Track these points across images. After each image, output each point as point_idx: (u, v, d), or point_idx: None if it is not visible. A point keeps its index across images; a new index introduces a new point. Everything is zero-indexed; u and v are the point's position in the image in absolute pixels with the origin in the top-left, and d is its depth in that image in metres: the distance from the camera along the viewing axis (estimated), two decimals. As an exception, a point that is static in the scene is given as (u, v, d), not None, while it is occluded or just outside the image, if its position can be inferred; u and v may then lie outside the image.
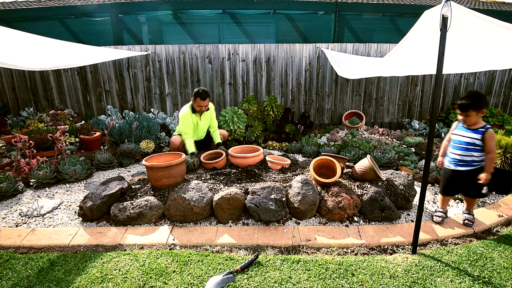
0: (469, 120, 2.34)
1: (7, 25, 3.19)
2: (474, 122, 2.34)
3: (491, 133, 2.29)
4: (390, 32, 6.26)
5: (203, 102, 3.62)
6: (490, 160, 2.30)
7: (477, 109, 2.27)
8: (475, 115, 2.29)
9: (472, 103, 2.26)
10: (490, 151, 2.30)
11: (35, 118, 5.14)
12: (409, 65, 3.17)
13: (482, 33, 2.08)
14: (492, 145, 2.29)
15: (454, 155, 2.46)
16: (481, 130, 2.31)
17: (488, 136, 2.28)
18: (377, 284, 1.89)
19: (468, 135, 2.37)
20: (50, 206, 2.87)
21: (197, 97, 3.59)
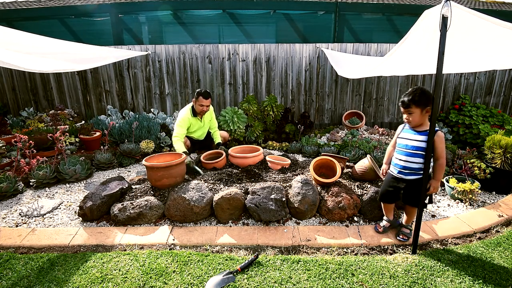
0: (413, 119, 2.10)
1: (7, 25, 3.19)
2: (420, 122, 2.11)
3: (441, 136, 2.05)
4: (390, 32, 6.26)
5: (205, 101, 3.62)
6: (440, 166, 2.08)
7: (420, 106, 2.04)
8: (419, 113, 2.06)
9: (413, 99, 2.04)
10: (439, 157, 2.07)
11: (35, 118, 5.14)
12: (409, 65, 3.17)
13: (482, 33, 2.08)
14: (442, 149, 2.06)
15: (399, 161, 2.22)
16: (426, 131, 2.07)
17: (437, 139, 2.03)
18: (377, 284, 1.89)
19: (416, 138, 2.12)
20: (50, 206, 2.87)
21: (199, 96, 3.60)
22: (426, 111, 2.06)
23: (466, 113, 5.48)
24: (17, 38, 3.03)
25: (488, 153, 3.49)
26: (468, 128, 5.27)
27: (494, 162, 3.38)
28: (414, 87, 2.09)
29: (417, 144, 2.11)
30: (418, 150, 2.11)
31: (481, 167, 3.29)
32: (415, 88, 2.08)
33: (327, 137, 5.21)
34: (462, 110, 5.61)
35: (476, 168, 3.31)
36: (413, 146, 2.13)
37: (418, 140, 2.11)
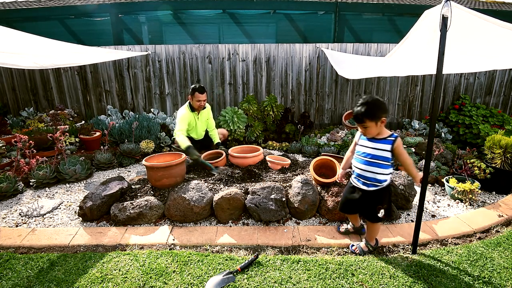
0: (368, 132, 1.95)
1: (7, 25, 3.18)
2: (377, 132, 1.95)
3: (400, 142, 1.94)
4: (390, 32, 6.26)
5: (201, 96, 3.66)
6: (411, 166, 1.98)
7: (374, 119, 1.87)
8: (374, 126, 1.89)
9: (366, 112, 1.86)
10: (406, 158, 1.96)
11: (35, 118, 5.14)
12: (409, 65, 3.17)
13: (482, 33, 2.08)
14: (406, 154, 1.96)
15: (356, 168, 2.08)
16: (390, 139, 1.93)
17: (397, 145, 1.92)
18: (377, 284, 1.89)
19: (374, 146, 1.96)
20: (50, 206, 2.87)
21: (195, 91, 3.64)
22: (381, 121, 1.90)
23: (466, 113, 5.48)
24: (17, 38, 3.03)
25: (488, 153, 3.49)
26: (468, 128, 5.27)
27: (494, 162, 3.38)
28: (365, 96, 1.93)
29: (374, 152, 1.96)
30: (373, 158, 1.97)
31: (481, 167, 3.29)
32: (366, 99, 1.89)
33: (327, 137, 5.21)
34: (462, 110, 5.61)
35: (476, 168, 3.31)
36: (367, 154, 2.00)
37: (375, 148, 1.96)
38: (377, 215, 1.99)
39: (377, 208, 1.99)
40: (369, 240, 2.23)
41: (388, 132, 1.97)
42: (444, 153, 4.07)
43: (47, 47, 3.36)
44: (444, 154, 4.05)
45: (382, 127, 1.95)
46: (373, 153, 1.97)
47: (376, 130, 1.93)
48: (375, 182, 1.99)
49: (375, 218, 2.05)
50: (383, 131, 1.97)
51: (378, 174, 1.97)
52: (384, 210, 1.99)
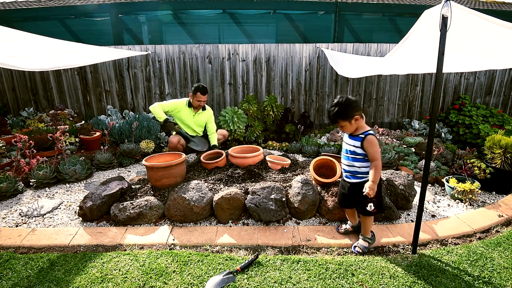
0: (345, 130, 2.07)
1: (7, 25, 3.18)
2: (354, 129, 2.05)
3: (370, 139, 1.98)
4: (390, 32, 6.26)
5: (202, 97, 3.70)
6: (375, 168, 1.98)
7: (346, 119, 1.98)
8: (348, 124, 2.00)
9: (338, 113, 1.97)
10: (373, 159, 1.99)
11: (35, 118, 5.14)
12: (409, 65, 3.17)
13: (482, 33, 2.08)
14: (374, 151, 1.98)
15: (343, 165, 2.21)
16: (361, 136, 2.01)
17: (366, 143, 1.98)
18: (377, 284, 1.89)
19: (349, 142, 2.09)
20: (50, 206, 2.88)
21: (197, 91, 3.66)
22: (355, 119, 1.99)
23: (466, 113, 5.48)
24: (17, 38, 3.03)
25: (488, 153, 3.49)
26: (468, 128, 5.27)
27: (494, 162, 3.38)
28: (338, 97, 2.00)
29: (350, 148, 2.09)
30: (352, 154, 2.08)
31: (481, 167, 3.29)
32: (338, 100, 1.98)
33: (327, 137, 5.21)
34: (462, 110, 5.61)
35: (476, 168, 3.31)
36: (348, 150, 2.11)
37: (350, 145, 2.08)
38: (366, 208, 2.06)
39: (365, 202, 2.06)
40: (365, 234, 2.28)
41: (364, 129, 2.04)
42: (444, 153, 4.07)
43: (47, 47, 3.36)
44: (444, 154, 4.05)
45: (359, 124, 2.03)
46: (351, 149, 2.09)
47: (351, 127, 2.03)
48: (358, 174, 2.11)
49: (366, 212, 2.12)
50: (361, 128, 2.05)
51: (360, 167, 2.08)
52: (373, 204, 2.05)
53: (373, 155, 1.99)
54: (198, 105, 3.78)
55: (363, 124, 2.05)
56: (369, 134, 2.00)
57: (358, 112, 1.99)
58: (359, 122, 2.02)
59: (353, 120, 1.99)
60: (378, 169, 1.98)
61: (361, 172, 2.09)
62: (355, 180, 2.13)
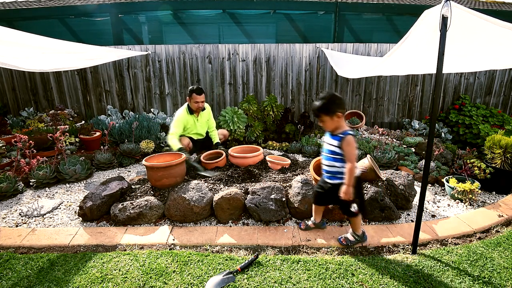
0: (325, 125, 2.07)
1: (7, 25, 3.19)
2: (334, 127, 2.05)
3: (348, 139, 1.97)
4: (390, 32, 6.26)
5: (199, 97, 3.64)
6: (349, 171, 1.97)
7: (329, 114, 1.98)
8: (329, 120, 2.01)
9: (321, 107, 1.99)
10: (348, 160, 1.99)
11: (35, 118, 5.14)
12: (409, 65, 3.17)
13: (482, 33, 2.08)
14: (350, 153, 1.97)
15: (323, 165, 2.21)
16: (340, 136, 2.00)
17: (344, 143, 1.98)
18: (377, 284, 1.89)
19: (330, 142, 2.09)
20: (50, 206, 2.88)
21: (192, 93, 3.62)
22: (337, 116, 1.99)
23: (466, 113, 5.48)
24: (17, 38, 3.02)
25: (488, 153, 3.49)
26: (468, 128, 5.27)
27: (494, 162, 3.38)
28: (324, 92, 2.02)
29: (331, 148, 2.08)
30: (332, 154, 2.08)
31: (481, 167, 3.29)
32: (324, 95, 2.01)
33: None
34: (462, 110, 5.61)
35: (476, 168, 3.31)
36: (328, 150, 2.11)
37: (332, 144, 2.08)
38: (351, 210, 2.12)
39: (349, 204, 2.10)
40: (355, 231, 2.31)
41: (343, 129, 2.03)
42: (444, 153, 4.07)
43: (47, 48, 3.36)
44: (444, 154, 4.05)
45: (339, 122, 2.04)
46: (331, 148, 2.09)
47: (332, 124, 2.04)
48: (339, 175, 2.09)
49: (350, 213, 2.16)
50: (341, 128, 2.05)
51: (341, 167, 2.07)
52: (356, 204, 2.10)
53: (349, 156, 1.98)
54: (198, 107, 3.71)
55: (343, 124, 2.06)
56: (349, 134, 1.99)
57: (341, 110, 2.00)
58: (340, 120, 2.02)
59: (335, 117, 1.99)
60: (352, 172, 1.97)
61: (343, 172, 2.06)
62: (336, 181, 2.11)
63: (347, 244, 2.29)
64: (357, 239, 2.29)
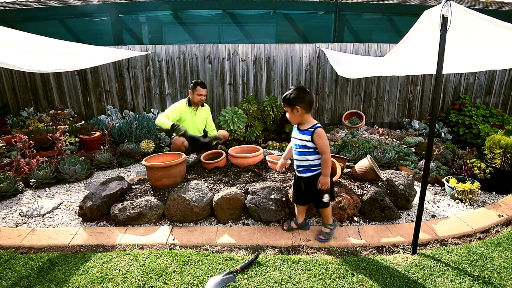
0: (291, 118, 2.13)
1: (7, 25, 3.18)
2: (298, 121, 2.12)
3: (319, 132, 2.04)
4: (390, 32, 6.25)
5: (203, 90, 3.71)
6: (324, 161, 2.08)
7: (290, 105, 2.06)
8: (290, 112, 2.08)
9: (284, 97, 2.08)
10: (322, 152, 2.08)
11: (35, 118, 5.14)
12: (409, 65, 3.17)
13: (482, 33, 2.08)
14: (323, 144, 2.06)
15: (294, 160, 2.26)
16: (310, 130, 2.07)
17: (315, 136, 2.05)
18: (377, 284, 1.89)
19: (300, 137, 2.14)
20: (50, 206, 2.87)
21: (196, 85, 3.67)
22: (296, 110, 2.04)
23: (466, 113, 5.48)
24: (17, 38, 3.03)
25: (488, 153, 3.49)
26: (468, 128, 5.27)
27: (494, 162, 3.38)
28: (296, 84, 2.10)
29: (300, 143, 2.14)
30: (303, 148, 2.14)
31: (481, 167, 3.29)
32: (294, 87, 2.09)
33: (327, 137, 5.21)
34: (462, 110, 5.61)
35: (476, 168, 3.31)
36: (297, 145, 2.17)
37: (300, 139, 2.13)
38: (323, 200, 2.20)
39: (321, 194, 2.18)
40: (326, 223, 2.38)
41: (312, 123, 2.10)
42: (444, 153, 4.07)
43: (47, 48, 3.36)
44: (444, 154, 4.05)
45: (302, 117, 2.09)
46: (302, 143, 2.14)
47: (293, 117, 2.10)
48: (312, 168, 2.16)
49: (322, 204, 2.24)
50: (309, 122, 2.11)
51: (311, 160, 2.15)
52: (328, 194, 2.19)
53: (322, 148, 2.07)
54: (199, 100, 3.76)
55: (309, 118, 2.12)
56: (318, 127, 2.06)
57: (301, 105, 2.03)
58: (301, 114, 2.06)
59: (295, 110, 2.05)
60: (327, 162, 2.08)
61: (315, 165, 2.15)
62: (309, 174, 2.18)
63: (327, 238, 2.33)
64: (331, 229, 2.38)
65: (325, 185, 2.11)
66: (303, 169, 2.20)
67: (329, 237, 2.35)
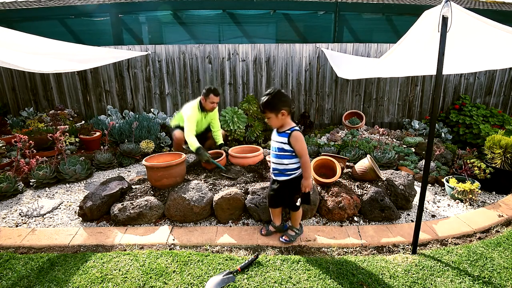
0: (270, 122, 2.06)
1: (7, 25, 3.19)
2: (279, 124, 2.06)
3: (296, 135, 2.00)
4: (390, 32, 6.25)
5: (216, 98, 3.58)
6: (304, 164, 2.04)
7: (274, 110, 1.98)
8: (275, 117, 2.00)
9: (267, 103, 1.98)
10: (300, 155, 2.04)
11: (35, 118, 5.14)
12: (408, 66, 3.17)
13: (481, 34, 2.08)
14: (300, 147, 2.01)
15: (271, 163, 2.21)
16: (287, 132, 2.02)
17: (292, 139, 2.00)
18: (377, 284, 1.89)
19: (277, 139, 2.09)
20: (50, 206, 2.87)
21: (209, 93, 3.55)
22: (281, 114, 1.99)
23: (466, 113, 5.48)
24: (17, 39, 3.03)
25: (488, 153, 3.49)
26: (468, 128, 5.27)
27: (494, 162, 3.38)
28: (271, 88, 2.02)
29: (278, 146, 2.09)
30: (279, 151, 2.09)
31: (481, 167, 3.29)
32: (270, 91, 2.00)
33: (327, 137, 5.21)
34: (463, 110, 5.61)
35: (476, 168, 3.31)
36: (274, 147, 2.13)
37: (278, 142, 2.08)
38: (296, 204, 2.20)
39: (295, 198, 2.17)
40: (294, 225, 2.37)
41: (290, 126, 2.05)
42: (444, 153, 4.07)
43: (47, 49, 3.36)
44: (444, 154, 4.05)
45: (285, 120, 2.04)
46: (278, 146, 2.10)
47: (277, 121, 2.04)
48: (287, 172, 2.13)
49: (294, 207, 2.24)
50: (287, 124, 2.07)
51: (287, 164, 2.10)
52: (301, 198, 2.18)
53: (300, 151, 2.02)
54: (211, 108, 3.66)
55: (289, 120, 2.07)
56: (295, 130, 2.02)
57: (286, 108, 1.99)
58: (285, 118, 2.02)
59: (280, 114, 1.99)
60: (306, 165, 2.05)
61: (290, 169, 2.12)
62: (284, 178, 2.15)
63: (289, 240, 2.31)
64: (297, 233, 2.36)
65: (307, 187, 2.08)
66: (278, 172, 2.17)
67: (292, 239, 2.32)
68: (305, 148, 2.03)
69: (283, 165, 2.12)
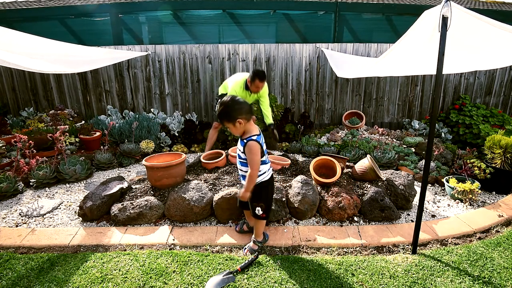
0: (231, 131, 1.99)
1: (7, 25, 3.18)
2: (240, 132, 1.98)
3: (250, 145, 1.91)
4: (390, 32, 6.25)
5: (261, 84, 3.47)
6: (249, 177, 1.94)
7: (229, 120, 1.90)
8: (232, 126, 1.93)
9: (220, 114, 1.93)
10: (249, 166, 1.93)
11: (35, 118, 5.14)
12: (408, 65, 3.17)
13: (481, 34, 2.08)
14: (250, 158, 1.92)
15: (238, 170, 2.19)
16: (244, 140, 1.95)
17: (246, 148, 1.93)
18: (377, 284, 1.89)
19: (238, 146, 2.06)
20: (50, 206, 2.87)
21: (255, 77, 3.39)
22: (238, 122, 1.90)
23: (466, 113, 5.48)
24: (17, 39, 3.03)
25: (488, 153, 3.49)
26: (468, 128, 5.27)
27: (494, 162, 3.38)
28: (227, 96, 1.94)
29: (239, 153, 2.06)
30: (239, 158, 2.06)
31: (481, 167, 3.29)
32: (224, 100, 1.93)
33: (327, 137, 5.21)
34: (463, 110, 5.61)
35: (476, 168, 3.31)
36: (239, 155, 2.08)
37: (238, 148, 2.07)
38: (255, 212, 2.09)
39: (253, 206, 2.09)
40: (256, 237, 2.24)
41: (250, 134, 1.96)
42: (444, 153, 4.07)
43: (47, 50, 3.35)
44: (444, 154, 4.05)
45: (245, 127, 1.97)
46: (238, 153, 2.07)
47: (236, 130, 1.96)
48: (245, 178, 2.04)
49: (255, 215, 2.12)
50: (248, 132, 1.98)
51: (245, 171, 2.01)
52: (261, 208, 2.07)
53: (250, 161, 1.93)
54: (255, 91, 3.58)
55: (251, 128, 1.99)
56: (251, 140, 1.91)
57: (242, 116, 1.90)
58: (244, 126, 1.94)
59: (237, 123, 1.91)
60: (251, 178, 1.94)
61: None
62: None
63: (251, 253, 2.19)
64: (259, 245, 2.23)
65: (243, 198, 1.98)
66: (241, 177, 2.16)
67: (254, 252, 2.19)
68: (255, 161, 1.91)
69: (241, 171, 2.09)
